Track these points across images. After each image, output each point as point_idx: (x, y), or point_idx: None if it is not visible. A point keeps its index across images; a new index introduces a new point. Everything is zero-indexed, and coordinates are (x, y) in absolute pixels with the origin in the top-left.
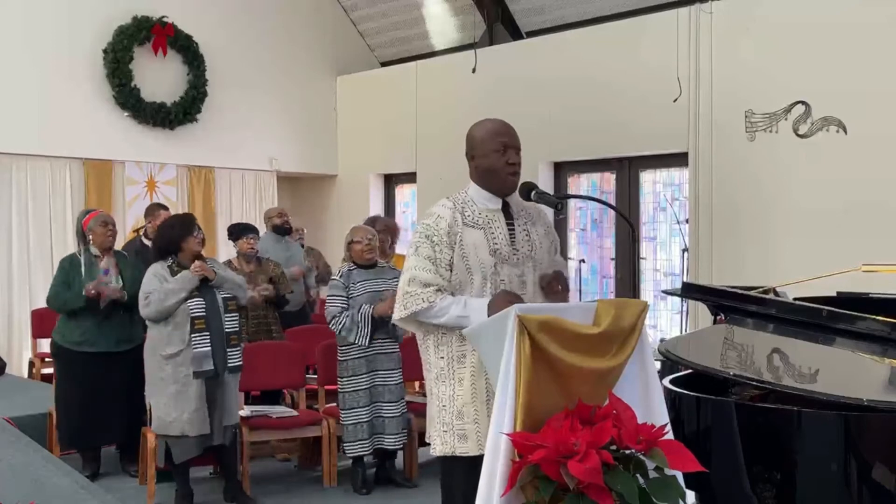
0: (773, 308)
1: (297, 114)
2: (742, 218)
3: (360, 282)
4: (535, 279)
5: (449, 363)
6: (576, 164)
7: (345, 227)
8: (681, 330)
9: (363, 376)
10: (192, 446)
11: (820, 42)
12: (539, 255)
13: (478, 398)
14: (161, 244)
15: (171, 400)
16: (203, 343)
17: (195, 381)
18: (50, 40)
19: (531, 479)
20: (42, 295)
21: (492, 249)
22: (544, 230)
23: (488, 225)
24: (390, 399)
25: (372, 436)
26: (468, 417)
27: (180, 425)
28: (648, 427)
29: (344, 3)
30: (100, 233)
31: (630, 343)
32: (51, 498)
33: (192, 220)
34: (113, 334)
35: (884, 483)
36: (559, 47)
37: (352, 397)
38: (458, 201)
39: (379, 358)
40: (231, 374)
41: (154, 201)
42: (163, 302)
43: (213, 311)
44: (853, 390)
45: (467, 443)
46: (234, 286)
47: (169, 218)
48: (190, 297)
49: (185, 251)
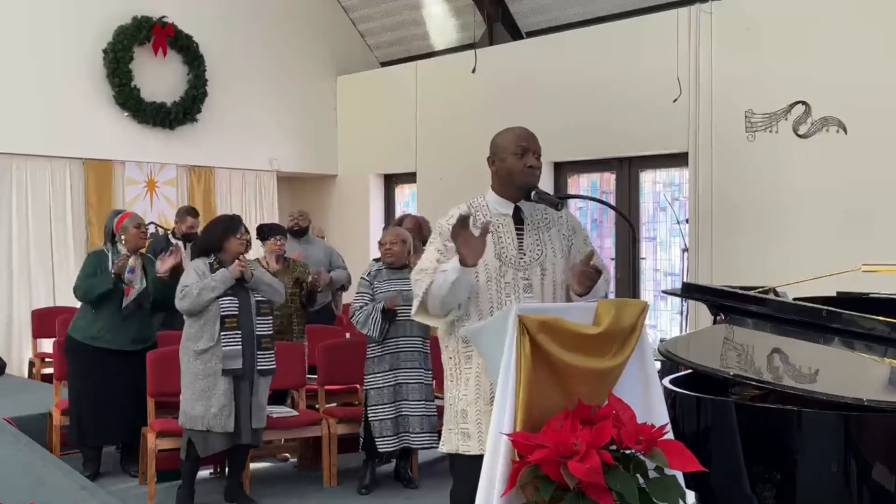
0: (773, 308)
1: (297, 114)
2: (742, 218)
3: (386, 280)
4: (542, 283)
5: (456, 363)
6: (576, 164)
7: (345, 228)
8: (681, 330)
9: (386, 374)
10: (216, 442)
11: (820, 42)
12: (550, 260)
13: (481, 398)
14: (204, 242)
15: (199, 395)
16: (233, 342)
17: (223, 378)
18: (50, 40)
19: (531, 479)
20: (42, 295)
21: (497, 253)
22: (560, 234)
23: (497, 229)
24: (415, 397)
25: (398, 433)
26: (471, 417)
27: (206, 421)
28: (648, 427)
29: (344, 3)
30: (133, 234)
31: (630, 343)
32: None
33: (239, 221)
34: (130, 333)
35: (884, 483)
36: (559, 47)
37: (376, 393)
38: (473, 205)
39: (402, 356)
40: (262, 376)
41: (185, 205)
42: (199, 296)
43: (245, 311)
44: (853, 390)
45: (470, 441)
46: (270, 290)
47: (217, 217)
48: (224, 296)
49: (227, 251)
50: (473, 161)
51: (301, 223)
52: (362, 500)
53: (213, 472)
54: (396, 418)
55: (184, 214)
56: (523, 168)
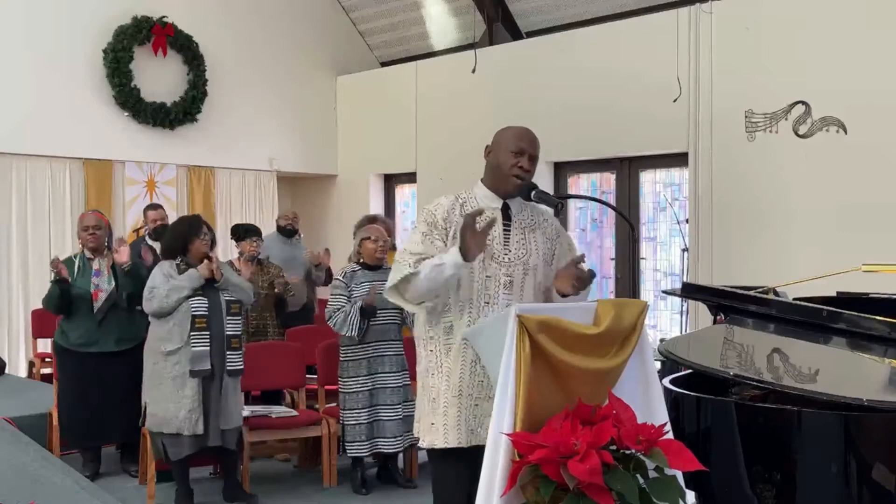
0: (773, 308)
1: (297, 114)
2: (742, 218)
3: (363, 282)
4: (523, 282)
5: (437, 356)
6: (576, 164)
7: (345, 228)
8: (681, 330)
9: (363, 378)
10: (186, 445)
11: (820, 42)
12: (534, 261)
13: (450, 392)
14: (169, 243)
15: (168, 397)
16: (202, 342)
17: (192, 380)
18: (50, 40)
19: (531, 479)
20: (41, 295)
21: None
22: (545, 237)
23: (488, 215)
24: (391, 402)
25: (371, 438)
26: (439, 410)
27: (176, 423)
28: (648, 427)
29: (344, 3)
30: (81, 236)
31: (630, 343)
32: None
33: (199, 221)
34: (113, 334)
35: (884, 483)
36: (559, 47)
37: (351, 398)
38: (461, 196)
39: (380, 360)
40: (231, 377)
41: (151, 201)
42: (166, 298)
43: (215, 311)
44: (853, 390)
45: (439, 434)
46: (240, 290)
47: (178, 219)
48: (193, 296)
49: (193, 252)
50: (473, 161)
51: (295, 224)
52: (362, 500)
53: (213, 473)
54: (370, 423)
55: (146, 211)
56: (512, 167)
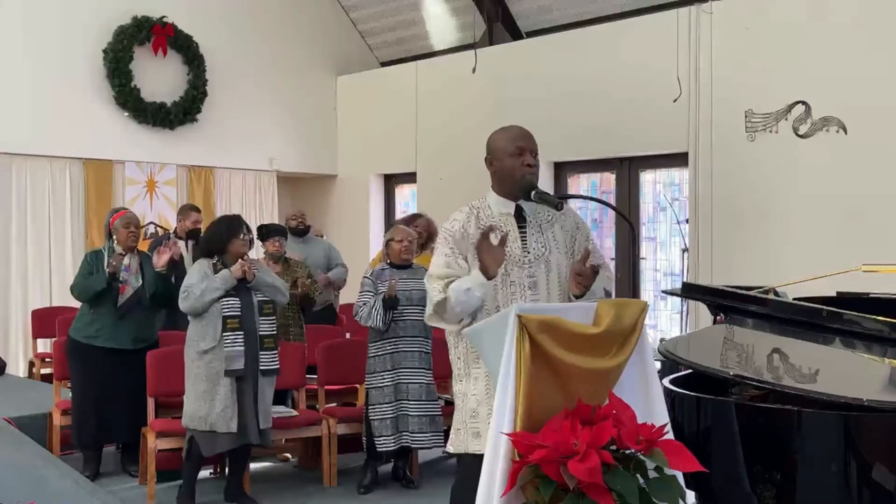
0: (773, 308)
1: (297, 114)
2: (742, 218)
3: (388, 280)
4: (547, 281)
5: (465, 362)
6: (576, 164)
7: (345, 227)
8: (681, 330)
9: (387, 373)
10: (223, 443)
11: (820, 42)
12: (554, 256)
13: (492, 397)
14: (207, 243)
15: (202, 396)
16: (235, 342)
17: (226, 378)
18: (50, 40)
19: (531, 479)
20: (42, 295)
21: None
22: (563, 230)
23: (500, 229)
24: (415, 397)
25: (397, 432)
26: (482, 416)
27: (209, 421)
28: (648, 427)
29: (344, 3)
30: (123, 233)
31: (630, 343)
32: (51, 498)
33: (240, 221)
34: (129, 332)
35: (884, 483)
36: (559, 47)
37: (377, 393)
38: (475, 207)
39: (403, 356)
40: (265, 376)
41: (187, 202)
42: (200, 297)
43: (247, 312)
44: (853, 390)
45: (480, 440)
46: (274, 290)
47: (219, 218)
48: (226, 296)
49: (231, 252)
50: (473, 161)
51: (305, 222)
52: (362, 500)
53: (213, 472)
54: (396, 418)
55: (187, 211)
56: (522, 168)
